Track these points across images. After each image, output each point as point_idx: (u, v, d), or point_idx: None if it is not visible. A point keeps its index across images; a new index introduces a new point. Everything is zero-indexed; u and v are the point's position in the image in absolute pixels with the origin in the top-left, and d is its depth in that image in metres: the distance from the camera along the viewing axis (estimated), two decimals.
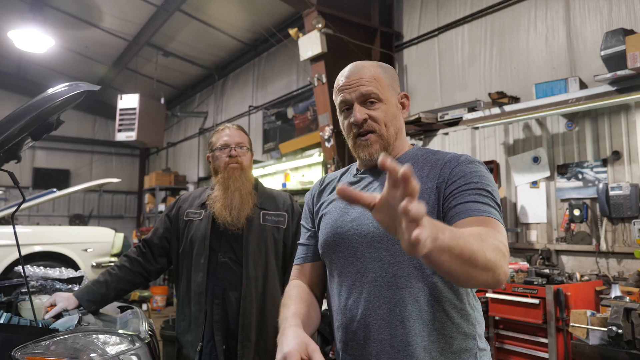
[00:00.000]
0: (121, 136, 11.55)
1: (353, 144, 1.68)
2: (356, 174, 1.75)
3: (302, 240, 1.86)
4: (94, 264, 6.90)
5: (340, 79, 1.67)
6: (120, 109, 11.59)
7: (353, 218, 1.62)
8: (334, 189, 1.79)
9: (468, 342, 1.52)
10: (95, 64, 13.39)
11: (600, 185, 4.90)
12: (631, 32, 4.64)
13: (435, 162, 1.58)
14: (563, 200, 5.40)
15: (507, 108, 5.63)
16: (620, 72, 4.55)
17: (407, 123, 6.11)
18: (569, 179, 5.33)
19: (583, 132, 5.26)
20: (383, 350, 1.51)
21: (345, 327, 1.61)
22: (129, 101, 11.59)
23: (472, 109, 6.13)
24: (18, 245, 2.45)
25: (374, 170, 1.69)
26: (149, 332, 2.38)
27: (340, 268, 1.62)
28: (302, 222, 1.91)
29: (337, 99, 1.67)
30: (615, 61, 4.62)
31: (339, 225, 1.64)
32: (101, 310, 2.74)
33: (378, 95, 1.61)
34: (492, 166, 5.97)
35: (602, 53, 4.72)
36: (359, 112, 1.61)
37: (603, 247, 4.97)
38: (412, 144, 1.75)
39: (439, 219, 1.47)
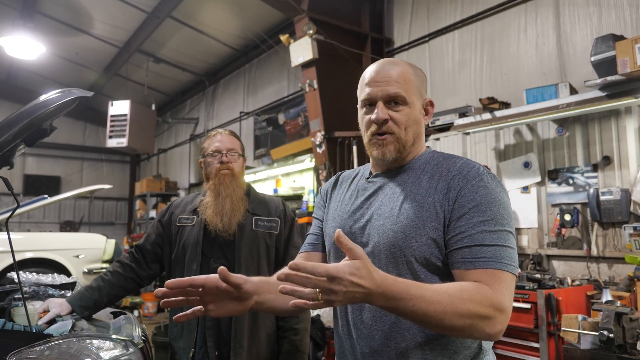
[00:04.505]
0: (112, 142, 11.51)
1: (368, 141, 1.64)
2: (369, 177, 1.72)
3: (313, 230, 1.85)
4: (86, 270, 6.87)
5: (368, 73, 1.63)
6: (111, 116, 11.56)
7: (362, 225, 1.60)
8: (348, 187, 1.78)
9: (474, 356, 1.49)
10: (86, 70, 13.36)
11: (591, 190, 4.93)
12: (621, 37, 4.67)
13: (446, 171, 1.55)
14: (554, 205, 5.42)
15: (498, 113, 5.64)
16: (610, 78, 4.57)
17: None
18: (559, 184, 5.36)
19: (573, 137, 5.30)
20: None
21: (346, 334, 1.60)
22: (119, 107, 11.57)
23: (463, 115, 6.14)
24: (12, 251, 2.44)
25: (387, 173, 1.66)
26: (142, 338, 2.38)
27: None
28: (314, 214, 1.89)
29: (362, 93, 1.63)
30: (605, 67, 4.64)
31: (346, 231, 1.61)
32: (94, 316, 2.73)
33: (404, 97, 1.57)
34: None
35: (592, 59, 4.74)
36: (382, 112, 1.57)
37: (594, 251, 4.99)
38: (427, 146, 1.74)
39: (441, 238, 1.47)
